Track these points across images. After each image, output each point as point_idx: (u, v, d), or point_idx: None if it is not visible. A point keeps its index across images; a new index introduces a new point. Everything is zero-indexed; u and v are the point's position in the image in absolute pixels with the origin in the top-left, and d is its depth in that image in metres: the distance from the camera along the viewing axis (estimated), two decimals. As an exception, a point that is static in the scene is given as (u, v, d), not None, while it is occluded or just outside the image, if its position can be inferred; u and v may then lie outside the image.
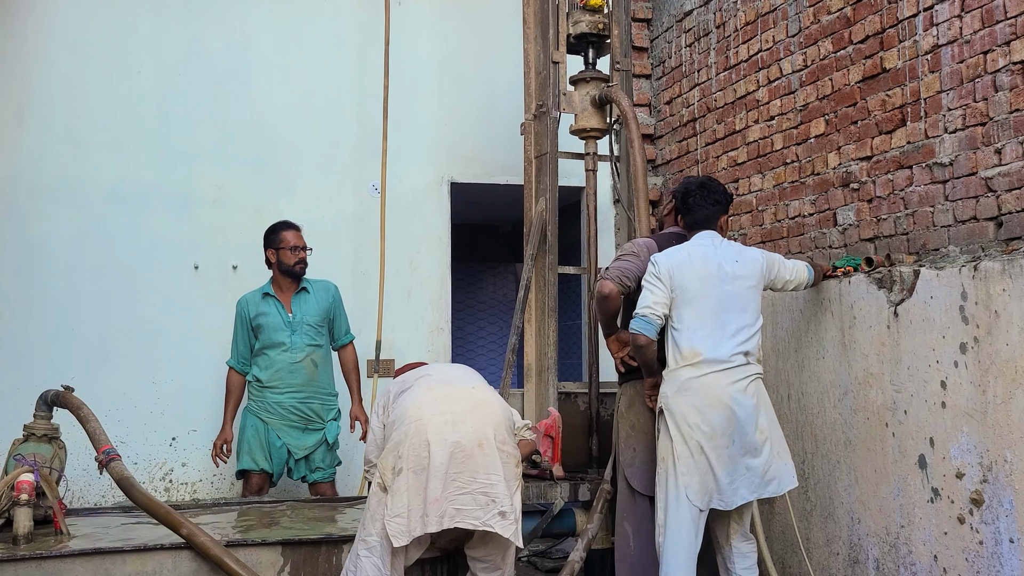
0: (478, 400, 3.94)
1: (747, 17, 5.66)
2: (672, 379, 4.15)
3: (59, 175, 5.94)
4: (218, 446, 5.49)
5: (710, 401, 4.06)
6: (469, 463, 3.76)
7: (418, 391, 3.96)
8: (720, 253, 4.25)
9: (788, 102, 5.29)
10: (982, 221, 4.04)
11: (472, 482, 3.75)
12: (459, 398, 3.93)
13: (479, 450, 3.78)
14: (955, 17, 4.18)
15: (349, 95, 6.48)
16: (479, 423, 3.84)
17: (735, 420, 4.05)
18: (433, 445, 3.73)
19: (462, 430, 3.79)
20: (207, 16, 6.28)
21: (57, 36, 6.02)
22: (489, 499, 3.75)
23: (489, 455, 3.80)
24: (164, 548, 3.93)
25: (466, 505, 3.73)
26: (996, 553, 3.81)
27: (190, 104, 6.20)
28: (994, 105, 3.98)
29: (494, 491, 3.76)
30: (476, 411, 3.88)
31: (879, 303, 4.40)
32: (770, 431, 4.16)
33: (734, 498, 4.08)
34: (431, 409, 3.84)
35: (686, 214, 4.42)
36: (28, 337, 5.80)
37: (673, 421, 4.09)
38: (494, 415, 3.92)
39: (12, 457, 4.31)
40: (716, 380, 4.08)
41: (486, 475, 3.77)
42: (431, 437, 3.74)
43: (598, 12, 5.27)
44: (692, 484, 4.05)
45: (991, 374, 3.83)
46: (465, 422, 3.81)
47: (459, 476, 3.74)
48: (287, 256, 5.49)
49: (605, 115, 5.27)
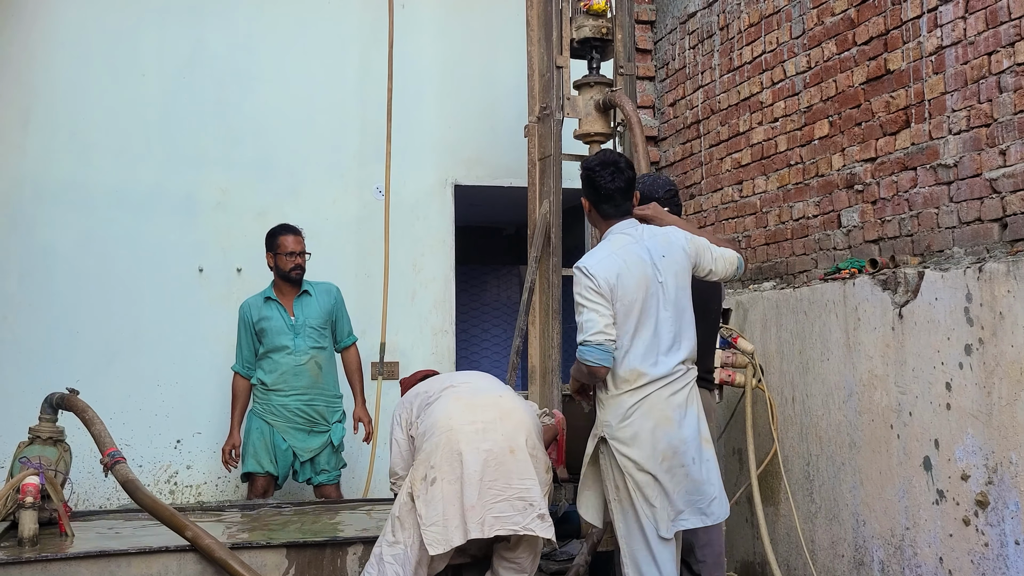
0: (507, 409, 4.00)
1: (751, 19, 5.66)
2: (614, 407, 3.72)
3: (63, 179, 5.95)
4: (227, 452, 5.51)
5: (658, 422, 3.68)
6: (503, 470, 3.82)
7: (446, 402, 4.02)
8: (649, 247, 3.78)
9: (792, 104, 5.29)
10: (987, 222, 4.04)
11: (508, 488, 3.81)
12: (488, 407, 3.99)
13: (511, 457, 3.85)
14: (959, 18, 4.18)
15: (353, 98, 6.48)
16: (510, 431, 3.91)
17: (683, 437, 3.70)
18: (466, 454, 3.80)
19: (493, 438, 3.85)
20: (211, 20, 6.29)
21: (61, 40, 6.03)
22: (526, 503, 3.81)
23: (522, 460, 3.86)
24: (169, 551, 3.94)
25: (504, 512, 3.79)
26: (1002, 555, 3.81)
27: (194, 107, 6.21)
28: (998, 106, 3.98)
29: (530, 495, 3.82)
30: (506, 419, 3.94)
31: (884, 305, 4.39)
32: (710, 440, 3.83)
33: (692, 519, 3.75)
34: (461, 419, 3.90)
35: (597, 201, 3.88)
36: (33, 340, 5.81)
37: (620, 454, 3.69)
38: (524, 423, 3.98)
39: (18, 460, 4.32)
40: (659, 397, 3.69)
41: (520, 480, 3.83)
42: (463, 447, 3.81)
43: (601, 16, 5.27)
44: (654, 514, 3.68)
45: (996, 375, 3.83)
46: (495, 430, 3.88)
47: (495, 483, 3.80)
48: (284, 262, 5.50)
49: (609, 119, 5.27)
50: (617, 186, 3.84)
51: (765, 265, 5.52)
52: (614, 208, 3.87)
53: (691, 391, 3.78)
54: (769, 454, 5.00)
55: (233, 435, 5.52)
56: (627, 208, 3.90)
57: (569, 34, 5.28)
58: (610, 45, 5.35)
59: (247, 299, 5.60)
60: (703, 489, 3.75)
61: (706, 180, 6.14)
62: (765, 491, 5.07)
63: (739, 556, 5.37)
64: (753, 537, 5.21)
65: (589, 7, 5.23)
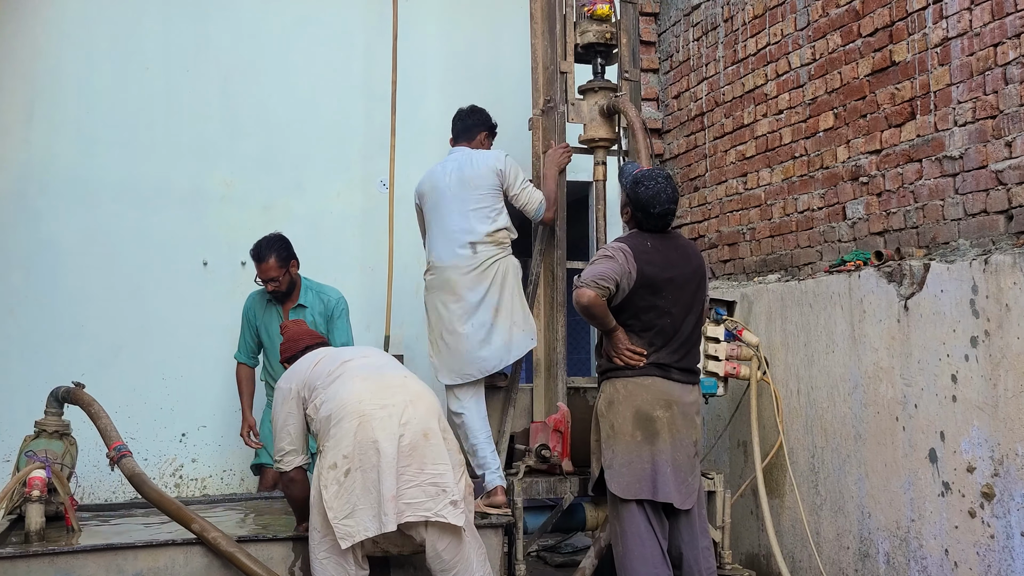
0: (416, 391, 3.89)
1: (755, 11, 5.65)
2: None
3: (68, 173, 5.95)
4: (244, 434, 5.50)
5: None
6: (416, 455, 3.70)
7: (351, 382, 3.84)
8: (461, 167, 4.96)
9: (797, 96, 5.28)
10: (992, 214, 4.03)
11: (420, 474, 3.69)
12: (396, 388, 3.85)
13: (424, 441, 3.73)
14: (965, 10, 4.16)
15: (357, 91, 6.47)
16: (423, 414, 3.79)
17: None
18: (381, 441, 3.66)
19: (406, 422, 3.72)
20: (215, 13, 6.28)
21: (65, 34, 6.02)
22: (439, 489, 3.70)
23: (435, 445, 3.75)
24: (176, 544, 3.94)
25: (416, 498, 3.67)
26: (1008, 547, 3.81)
27: (199, 101, 6.20)
28: (1004, 98, 3.97)
29: (443, 481, 3.71)
30: (418, 402, 3.82)
31: (889, 297, 4.39)
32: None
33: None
34: (371, 403, 3.75)
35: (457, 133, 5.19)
36: (39, 334, 5.81)
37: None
38: (434, 405, 3.88)
39: (24, 454, 4.33)
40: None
41: (434, 465, 3.72)
42: (378, 434, 3.67)
43: (605, 22, 5.23)
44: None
45: (1002, 367, 3.82)
46: (407, 414, 3.75)
47: (407, 469, 3.68)
48: (261, 283, 5.43)
49: (614, 125, 5.24)
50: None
51: (770, 257, 5.51)
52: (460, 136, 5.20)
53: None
54: (774, 447, 5.00)
55: (246, 417, 5.49)
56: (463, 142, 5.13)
57: (573, 39, 5.25)
58: (614, 51, 5.33)
59: (252, 293, 5.60)
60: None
61: (711, 172, 6.13)
62: (770, 483, 5.07)
63: (744, 548, 5.38)
64: (758, 529, 5.21)
65: (593, 12, 5.20)
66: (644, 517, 4.07)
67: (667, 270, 4.17)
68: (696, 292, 4.27)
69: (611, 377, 4.24)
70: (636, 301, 4.15)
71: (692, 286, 4.24)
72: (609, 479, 4.14)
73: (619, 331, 4.19)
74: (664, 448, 4.10)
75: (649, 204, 4.21)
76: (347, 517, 3.65)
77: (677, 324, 4.20)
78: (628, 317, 4.18)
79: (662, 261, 4.18)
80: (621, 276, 4.10)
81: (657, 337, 4.18)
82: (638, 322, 4.18)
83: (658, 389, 4.15)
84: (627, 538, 4.08)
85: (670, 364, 4.18)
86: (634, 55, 5.40)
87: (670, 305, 4.17)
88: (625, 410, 4.15)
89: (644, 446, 4.10)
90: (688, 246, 4.41)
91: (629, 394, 4.16)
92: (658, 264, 4.17)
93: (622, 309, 4.17)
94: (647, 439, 4.10)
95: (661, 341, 4.18)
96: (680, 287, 4.20)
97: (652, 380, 4.16)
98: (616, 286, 4.10)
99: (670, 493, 4.07)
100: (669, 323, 4.18)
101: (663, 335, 4.18)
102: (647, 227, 4.27)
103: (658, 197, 4.20)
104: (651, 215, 4.22)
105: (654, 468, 4.07)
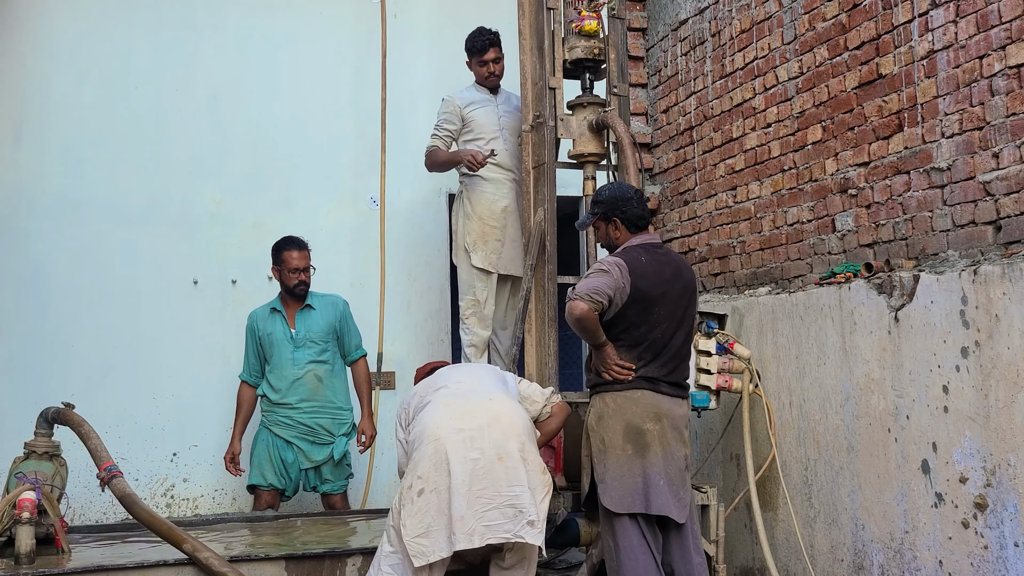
0: (496, 413, 3.98)
1: (742, 25, 5.68)
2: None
3: (57, 192, 5.94)
4: (227, 460, 5.51)
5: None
6: (491, 478, 3.81)
7: (436, 408, 4.00)
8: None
9: (785, 109, 5.30)
10: (981, 225, 4.05)
11: (497, 496, 3.80)
12: (477, 412, 3.96)
13: (499, 464, 3.83)
14: (950, 22, 4.19)
15: (347, 109, 6.48)
16: (499, 437, 3.88)
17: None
18: (453, 464, 3.79)
19: (481, 445, 3.84)
20: (205, 32, 6.29)
21: (54, 53, 6.02)
22: (516, 510, 3.81)
23: (511, 467, 3.84)
24: (167, 564, 3.93)
25: (495, 520, 3.79)
26: (1001, 557, 3.81)
27: (188, 120, 6.20)
28: (991, 109, 3.99)
29: (520, 502, 3.81)
30: (495, 425, 3.92)
31: (879, 308, 4.40)
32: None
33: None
34: (448, 426, 3.89)
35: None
36: (28, 354, 5.78)
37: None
38: (514, 427, 3.96)
39: (13, 475, 4.30)
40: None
41: (509, 487, 3.82)
42: (451, 456, 3.80)
43: (594, 37, 5.25)
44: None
45: (993, 378, 3.83)
46: (484, 437, 3.86)
47: (483, 492, 3.79)
48: (287, 277, 5.51)
49: (603, 140, 5.26)
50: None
51: (760, 270, 5.53)
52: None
53: None
54: (767, 459, 5.00)
55: (233, 444, 5.52)
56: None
57: (562, 55, 5.27)
58: (602, 66, 5.35)
59: (255, 309, 5.63)
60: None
61: (700, 186, 6.14)
62: (764, 496, 5.06)
63: (738, 562, 5.36)
64: (752, 543, 5.20)
65: (581, 28, 5.21)
66: (637, 531, 4.06)
67: (659, 285, 4.19)
68: (687, 307, 4.28)
69: (601, 391, 4.24)
70: (628, 315, 4.15)
71: (683, 301, 4.26)
72: (601, 493, 4.12)
73: (608, 346, 4.19)
74: (656, 461, 4.09)
75: (621, 197, 4.35)
76: (421, 536, 3.77)
77: (667, 338, 4.20)
78: (619, 331, 4.19)
79: (655, 276, 4.19)
80: (615, 291, 4.11)
81: (647, 351, 4.18)
82: (628, 336, 4.18)
83: (647, 402, 4.15)
84: (620, 552, 4.06)
85: (659, 378, 4.19)
86: (622, 70, 5.42)
87: (661, 320, 4.18)
88: (615, 424, 4.14)
89: (635, 459, 4.09)
90: (679, 261, 4.42)
91: (619, 408, 4.15)
92: (651, 279, 4.18)
93: (613, 323, 4.17)
94: (638, 452, 4.10)
95: (651, 355, 4.18)
96: (672, 302, 4.21)
97: (641, 393, 4.16)
98: (609, 301, 4.11)
99: (663, 505, 4.06)
100: (659, 337, 4.19)
101: (653, 349, 4.18)
102: (633, 223, 4.33)
103: (622, 187, 4.44)
104: (630, 200, 4.34)
105: (646, 481, 4.07)
